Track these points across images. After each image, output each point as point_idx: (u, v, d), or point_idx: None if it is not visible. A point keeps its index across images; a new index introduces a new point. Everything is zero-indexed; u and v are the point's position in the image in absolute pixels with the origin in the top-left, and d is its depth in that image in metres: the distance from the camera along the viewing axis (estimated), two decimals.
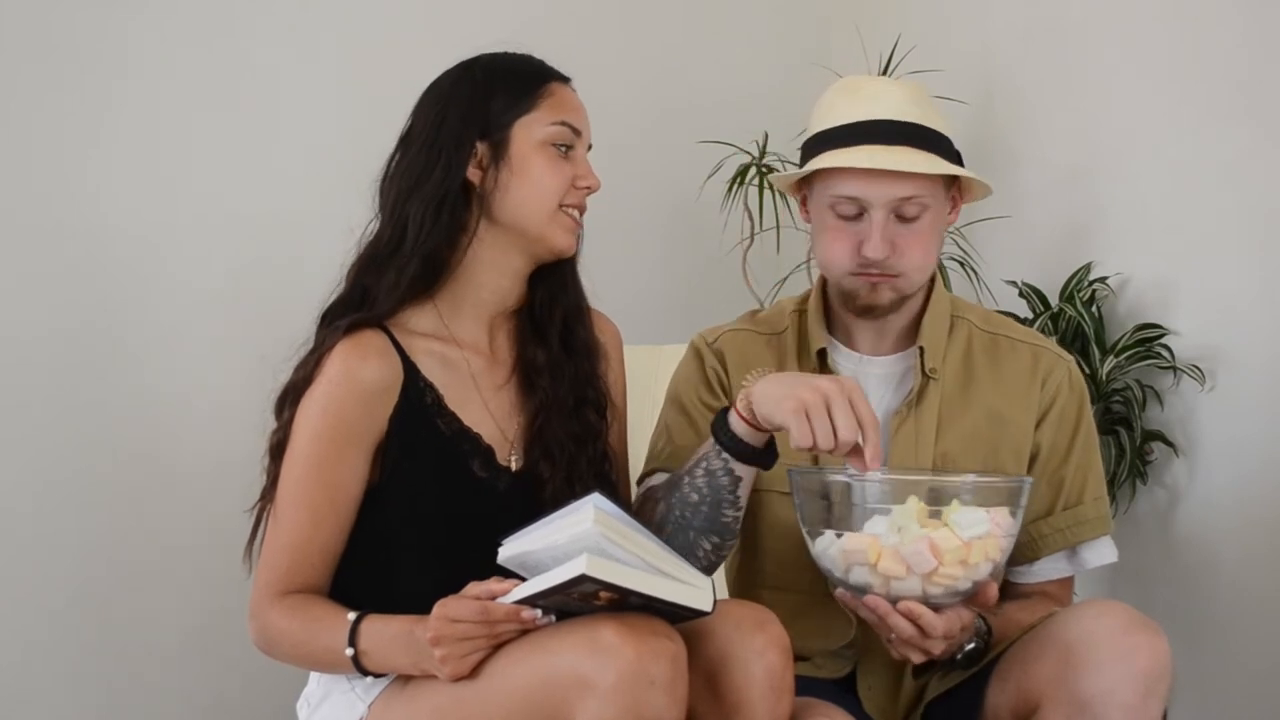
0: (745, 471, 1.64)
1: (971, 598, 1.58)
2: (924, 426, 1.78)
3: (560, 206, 1.69)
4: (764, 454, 1.63)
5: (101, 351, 2.51)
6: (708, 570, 1.70)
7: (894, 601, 1.54)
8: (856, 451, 1.54)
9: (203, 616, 2.52)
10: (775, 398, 1.56)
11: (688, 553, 1.65)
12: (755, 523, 1.80)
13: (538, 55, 1.75)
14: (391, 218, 1.68)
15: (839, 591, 1.59)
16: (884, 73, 2.77)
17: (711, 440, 1.64)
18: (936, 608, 1.55)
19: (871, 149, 1.70)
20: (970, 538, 1.52)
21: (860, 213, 1.72)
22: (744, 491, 1.66)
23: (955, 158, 1.75)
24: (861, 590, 1.56)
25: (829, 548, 1.57)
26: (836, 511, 1.58)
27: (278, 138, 2.64)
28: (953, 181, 1.78)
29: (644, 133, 2.93)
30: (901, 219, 1.72)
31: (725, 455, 1.63)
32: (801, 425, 1.52)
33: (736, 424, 1.61)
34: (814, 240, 1.81)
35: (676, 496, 1.67)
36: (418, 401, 1.66)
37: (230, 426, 2.28)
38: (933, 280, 1.84)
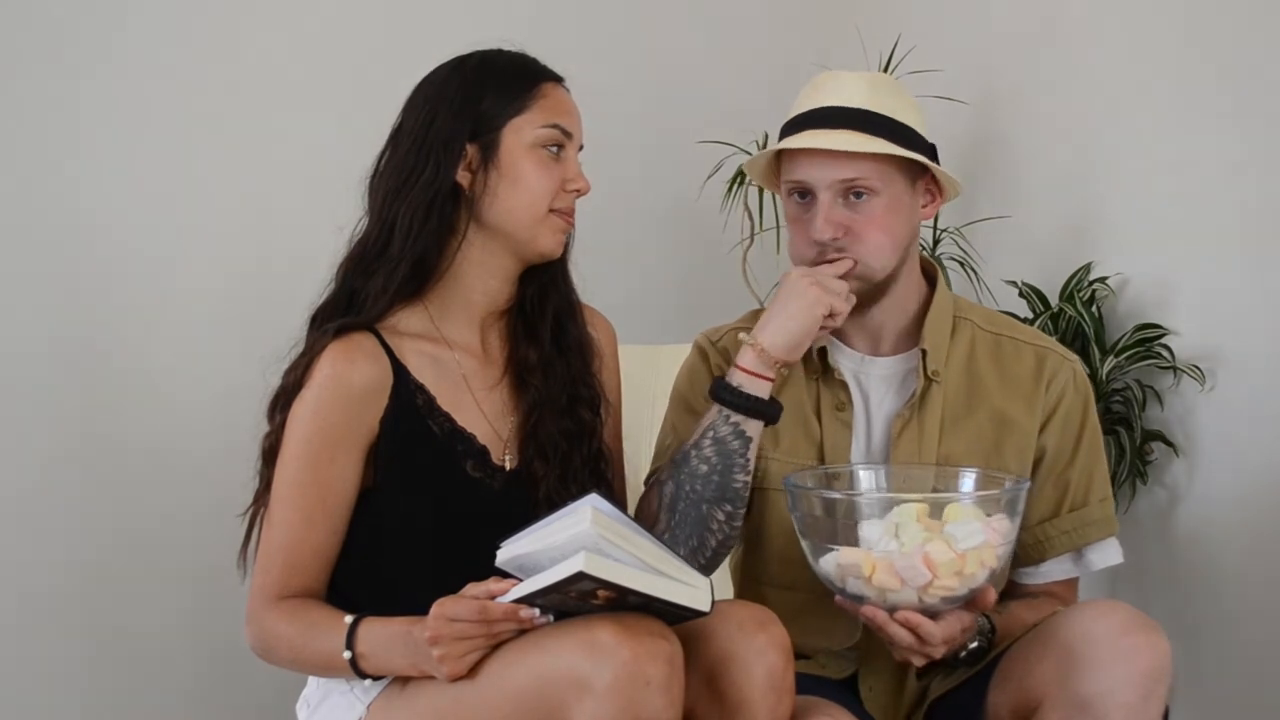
0: (754, 429, 1.69)
1: (970, 601, 1.58)
2: (927, 429, 1.77)
3: (550, 211, 1.68)
4: (771, 405, 1.69)
5: (100, 352, 2.51)
6: (716, 558, 1.72)
7: (892, 610, 1.54)
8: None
9: (202, 617, 2.51)
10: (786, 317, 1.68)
11: (702, 526, 1.69)
12: (759, 521, 1.80)
13: (536, 54, 1.74)
14: (379, 218, 1.68)
15: (838, 598, 1.59)
16: (883, 73, 2.76)
17: (716, 409, 1.69)
18: (934, 614, 1.56)
19: (814, 133, 1.71)
20: (965, 549, 1.51)
21: (812, 198, 1.74)
22: (753, 454, 1.70)
23: (919, 146, 1.74)
24: (859, 599, 1.56)
25: (825, 561, 1.57)
26: (833, 524, 1.58)
27: (277, 137, 2.64)
28: (922, 172, 1.77)
29: (644, 133, 2.93)
30: (851, 202, 1.72)
31: (735, 418, 1.68)
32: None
33: (742, 379, 1.67)
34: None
35: (685, 472, 1.69)
36: (409, 403, 1.66)
37: (228, 427, 2.27)
38: (934, 281, 1.84)
